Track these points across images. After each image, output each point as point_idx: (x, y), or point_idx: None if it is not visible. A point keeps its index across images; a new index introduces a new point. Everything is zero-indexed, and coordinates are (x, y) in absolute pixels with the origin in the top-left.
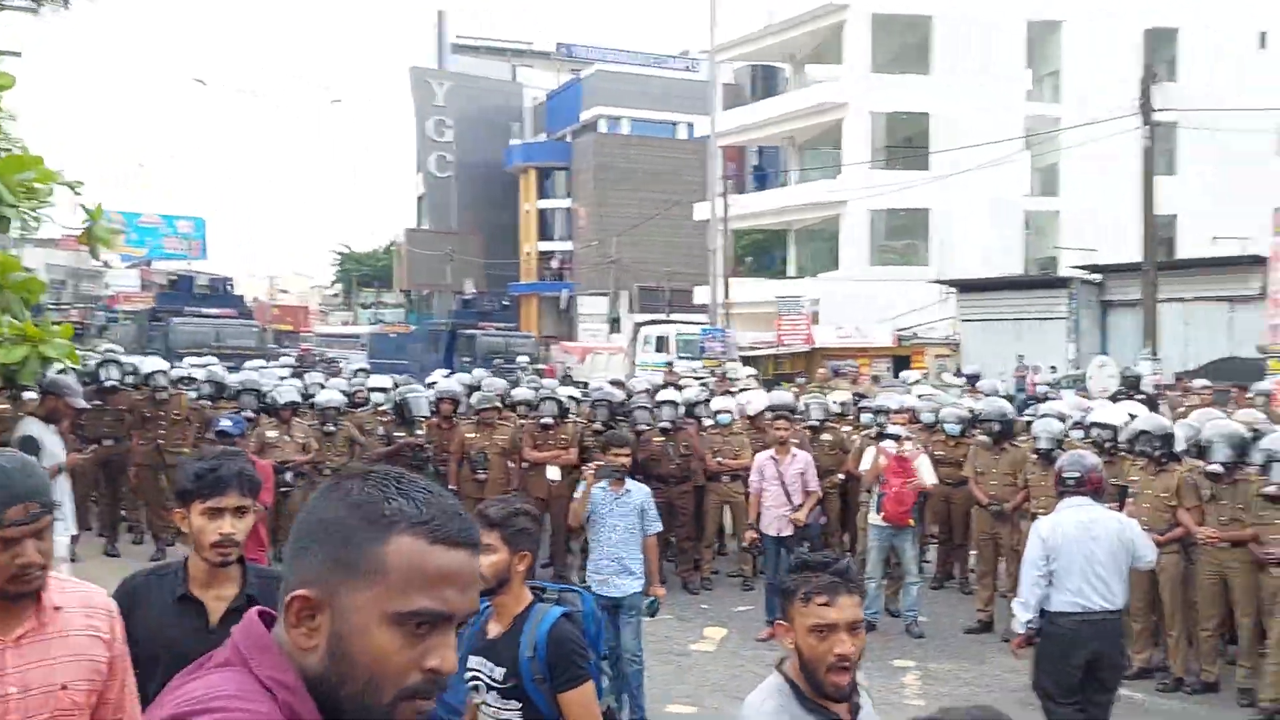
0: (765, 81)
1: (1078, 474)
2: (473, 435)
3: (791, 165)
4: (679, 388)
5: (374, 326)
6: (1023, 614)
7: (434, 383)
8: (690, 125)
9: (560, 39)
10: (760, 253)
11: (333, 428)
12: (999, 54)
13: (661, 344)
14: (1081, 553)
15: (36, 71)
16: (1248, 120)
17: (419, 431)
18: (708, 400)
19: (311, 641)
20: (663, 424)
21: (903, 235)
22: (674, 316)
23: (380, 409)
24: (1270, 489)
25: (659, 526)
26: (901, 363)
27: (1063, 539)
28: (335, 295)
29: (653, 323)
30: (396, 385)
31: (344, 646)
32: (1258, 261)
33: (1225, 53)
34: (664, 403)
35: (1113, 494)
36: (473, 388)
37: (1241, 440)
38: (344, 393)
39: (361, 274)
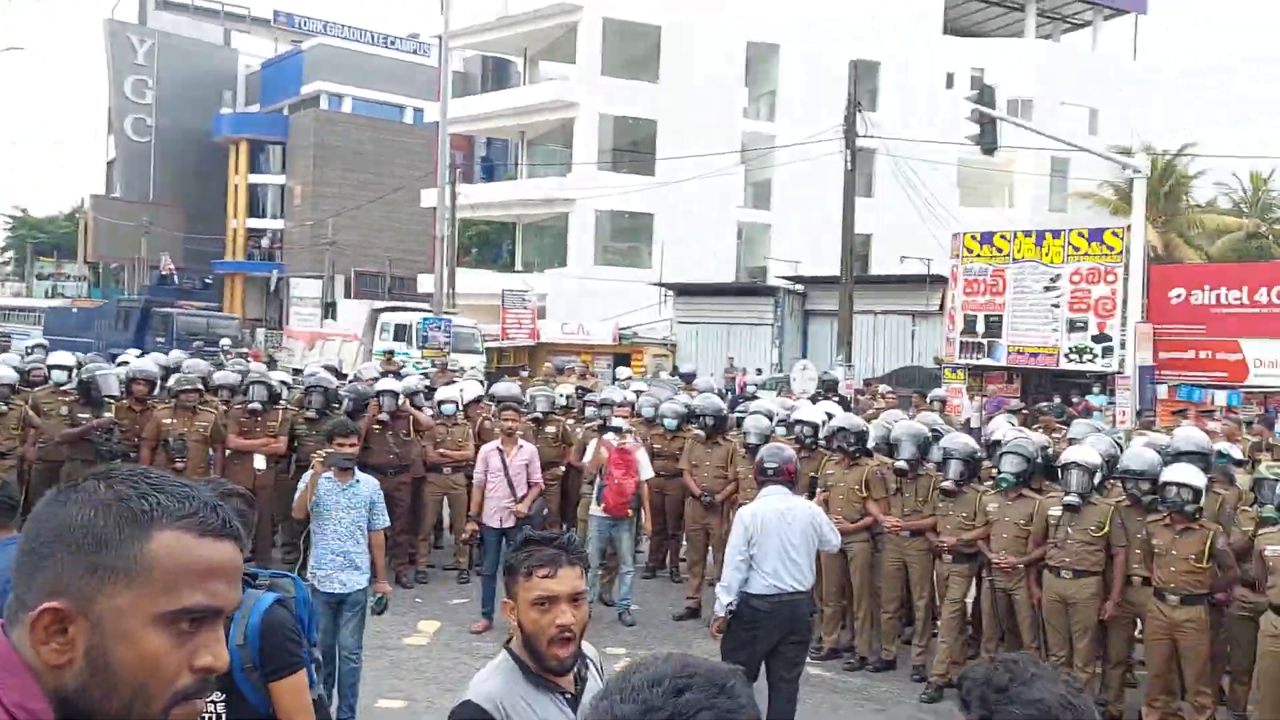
0: (497, 73)
1: (776, 465)
2: (170, 420)
3: (521, 159)
4: (399, 376)
5: (53, 300)
6: (725, 597)
7: (125, 362)
8: (418, 110)
9: (279, 6)
10: (487, 244)
11: (3, 407)
12: (721, 70)
13: (401, 332)
14: (778, 538)
15: None
16: (934, 152)
17: (107, 414)
18: (428, 390)
19: (64, 657)
20: (381, 417)
21: (627, 237)
22: (409, 304)
23: (62, 388)
24: (946, 484)
25: (387, 521)
26: (622, 360)
27: (763, 525)
28: (6, 264)
29: (392, 309)
30: (81, 364)
31: (106, 657)
32: (938, 280)
33: (919, 89)
34: (383, 392)
35: (804, 484)
36: (170, 369)
37: (924, 439)
38: (16, 369)
39: (39, 242)
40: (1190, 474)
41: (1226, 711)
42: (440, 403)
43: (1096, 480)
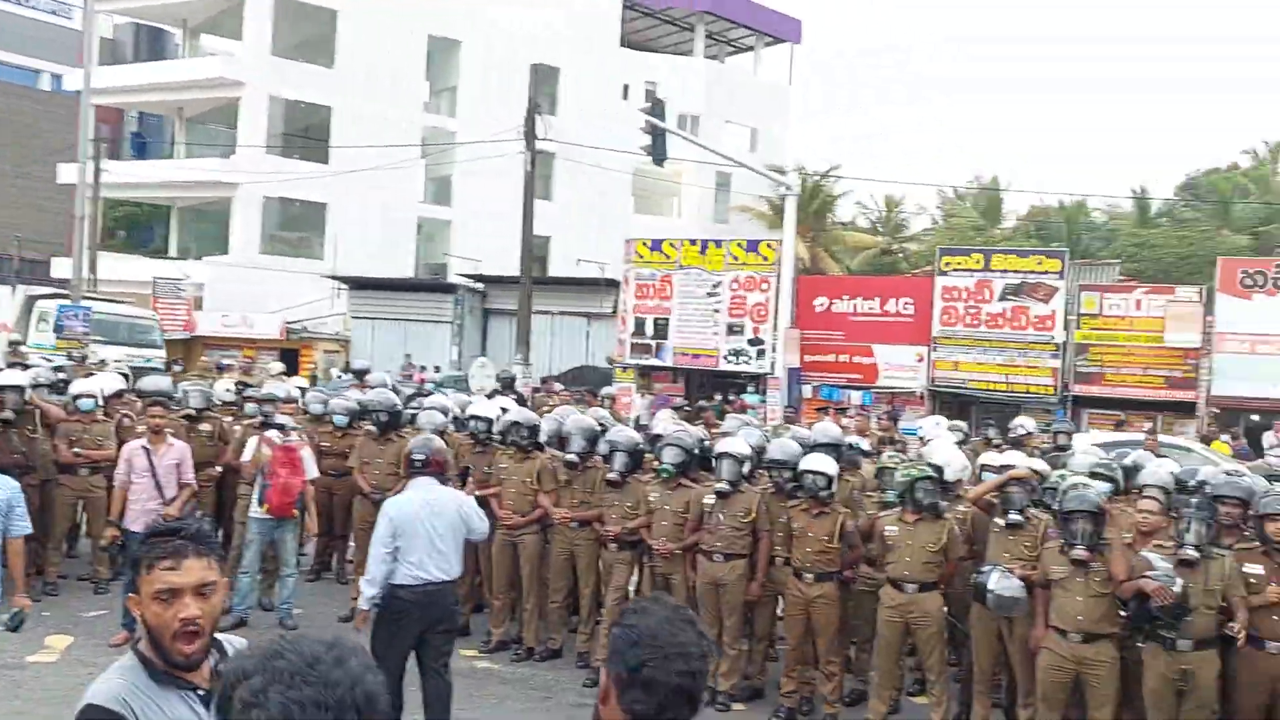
0: (152, 43)
1: (424, 456)
2: None
3: (178, 137)
4: (25, 367)
5: None
6: (369, 590)
7: None
8: (57, 76)
9: None
10: (136, 227)
11: None
12: (402, 62)
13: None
14: (425, 529)
15: None
16: (610, 159)
17: None
18: (62, 384)
19: None
20: (4, 415)
21: (298, 227)
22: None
23: None
24: (612, 475)
25: (28, 526)
26: (289, 356)
27: (409, 517)
28: None
29: (51, 296)
30: None
31: None
32: (612, 284)
33: (596, 97)
34: (5, 387)
35: (479, 476)
36: None
37: (593, 433)
38: None
39: None
40: (824, 463)
41: (852, 678)
42: (77, 397)
43: (746, 470)
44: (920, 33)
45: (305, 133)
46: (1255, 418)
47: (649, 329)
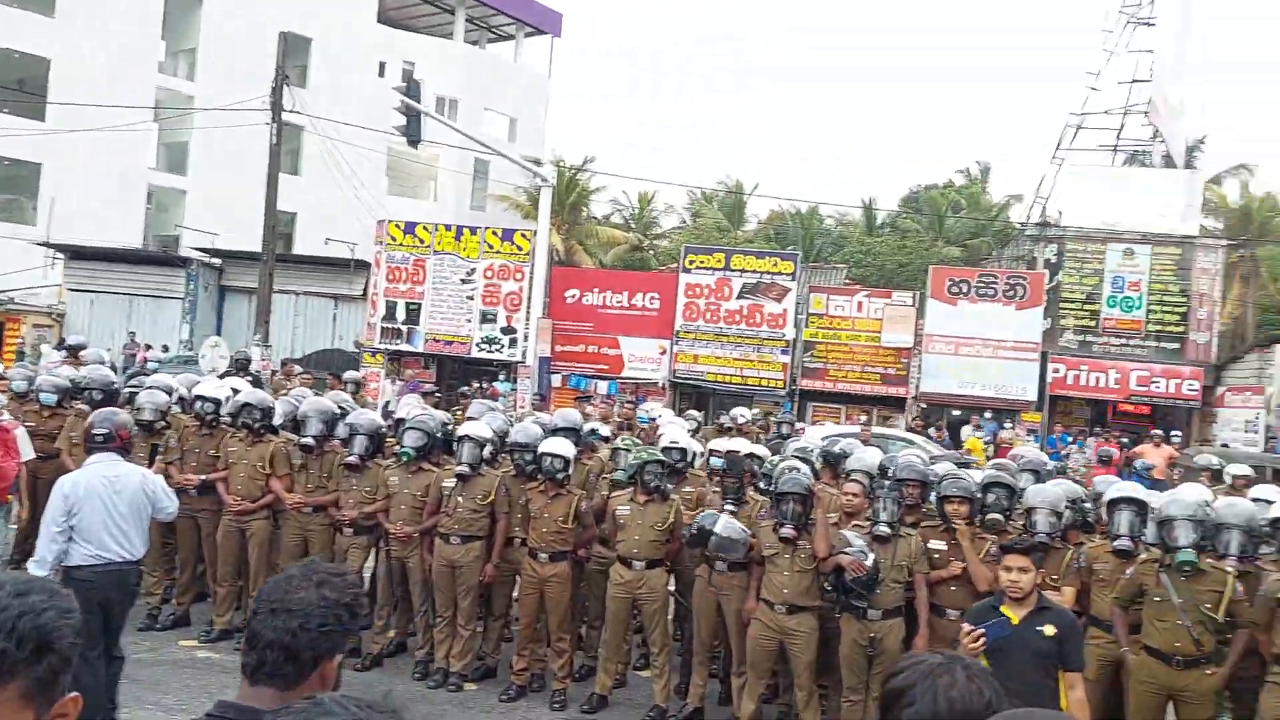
0: None
1: (106, 430)
2: None
3: None
4: None
5: None
6: (39, 571)
7: None
8: None
9: None
10: None
11: None
12: (134, 16)
13: None
14: (104, 507)
15: None
16: (364, 137)
17: None
18: None
19: None
20: None
21: (6, 188)
22: None
23: None
24: (351, 459)
25: None
26: None
27: (85, 495)
28: None
29: None
30: None
31: None
32: (362, 266)
33: (351, 73)
34: None
35: (221, 464)
36: None
37: (332, 416)
38: None
39: None
40: (562, 446)
41: (583, 654)
42: None
43: (488, 454)
44: (747, 22)
45: (19, 85)
46: (956, 413)
47: (400, 313)
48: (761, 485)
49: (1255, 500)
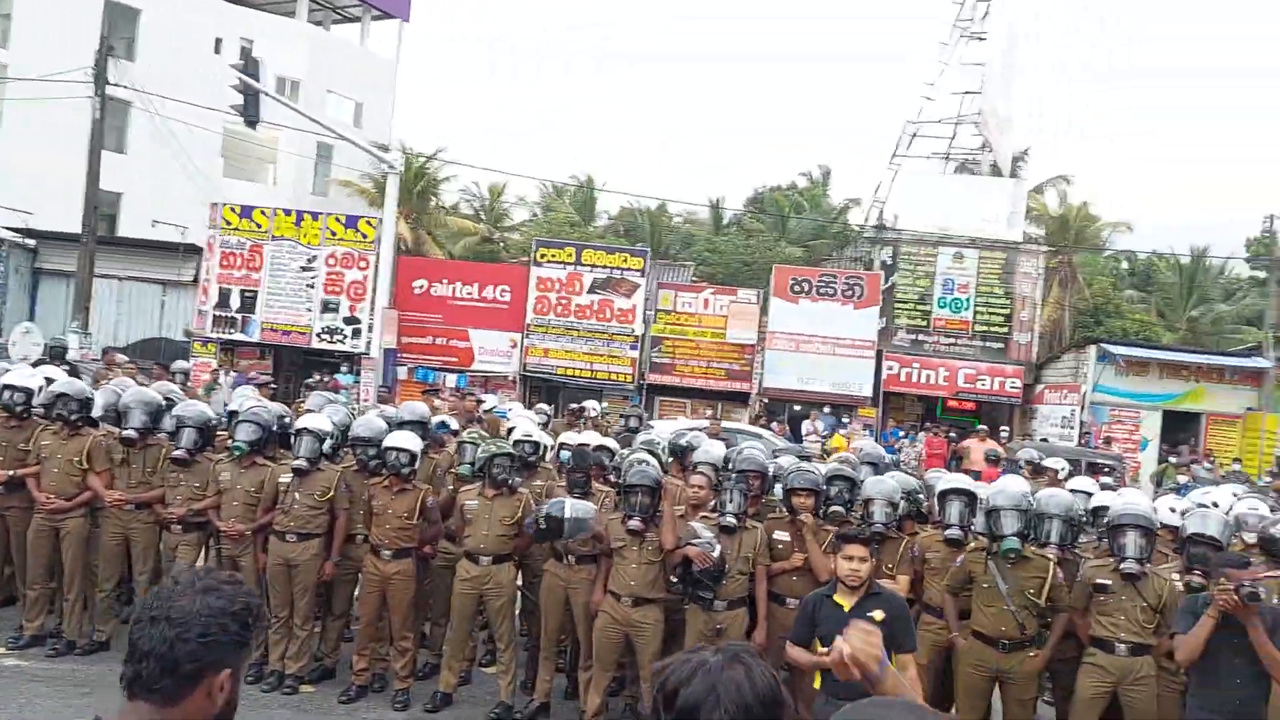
0: None
1: None
2: None
3: None
4: None
5: None
6: None
7: None
8: None
9: None
10: None
11: None
12: None
13: None
14: None
15: None
16: (198, 116)
17: None
18: None
19: None
20: None
21: None
22: None
23: None
24: (179, 453)
25: None
26: None
27: None
28: None
29: None
30: None
31: None
32: (193, 251)
33: (184, 48)
34: None
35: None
36: None
37: (157, 407)
38: None
39: None
40: (408, 440)
41: (427, 652)
42: None
43: (328, 448)
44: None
45: None
46: (797, 408)
47: (234, 301)
48: (612, 478)
49: (1074, 491)
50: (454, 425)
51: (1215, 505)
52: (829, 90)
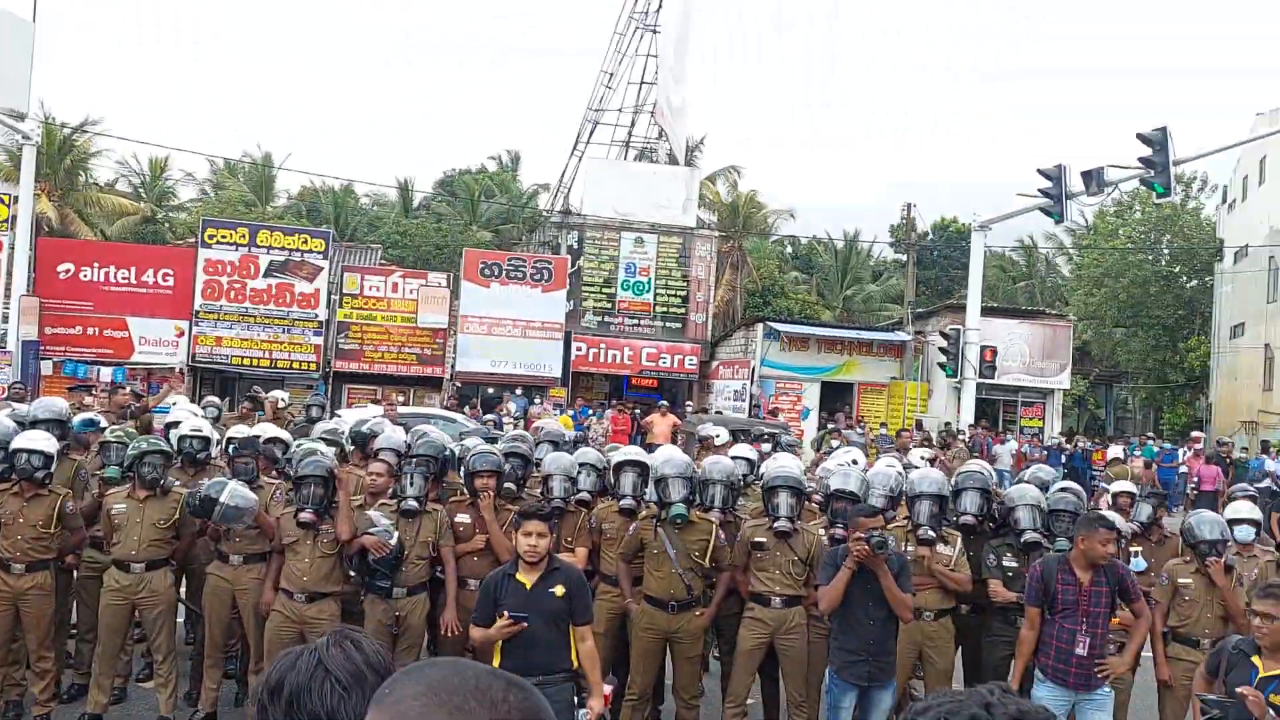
0: None
1: None
2: None
3: None
4: None
5: None
6: None
7: None
8: None
9: None
10: None
11: None
12: None
13: None
14: None
15: None
16: None
17: None
18: None
19: None
20: None
21: None
22: None
23: None
24: None
25: None
26: None
27: None
28: None
29: None
30: None
31: None
32: None
33: None
34: None
35: None
36: None
37: None
38: None
39: None
40: (42, 440)
41: (74, 672)
42: None
43: None
44: None
45: None
46: (490, 391)
47: None
48: (288, 471)
49: (735, 458)
50: (103, 423)
51: (855, 463)
52: (521, 77)
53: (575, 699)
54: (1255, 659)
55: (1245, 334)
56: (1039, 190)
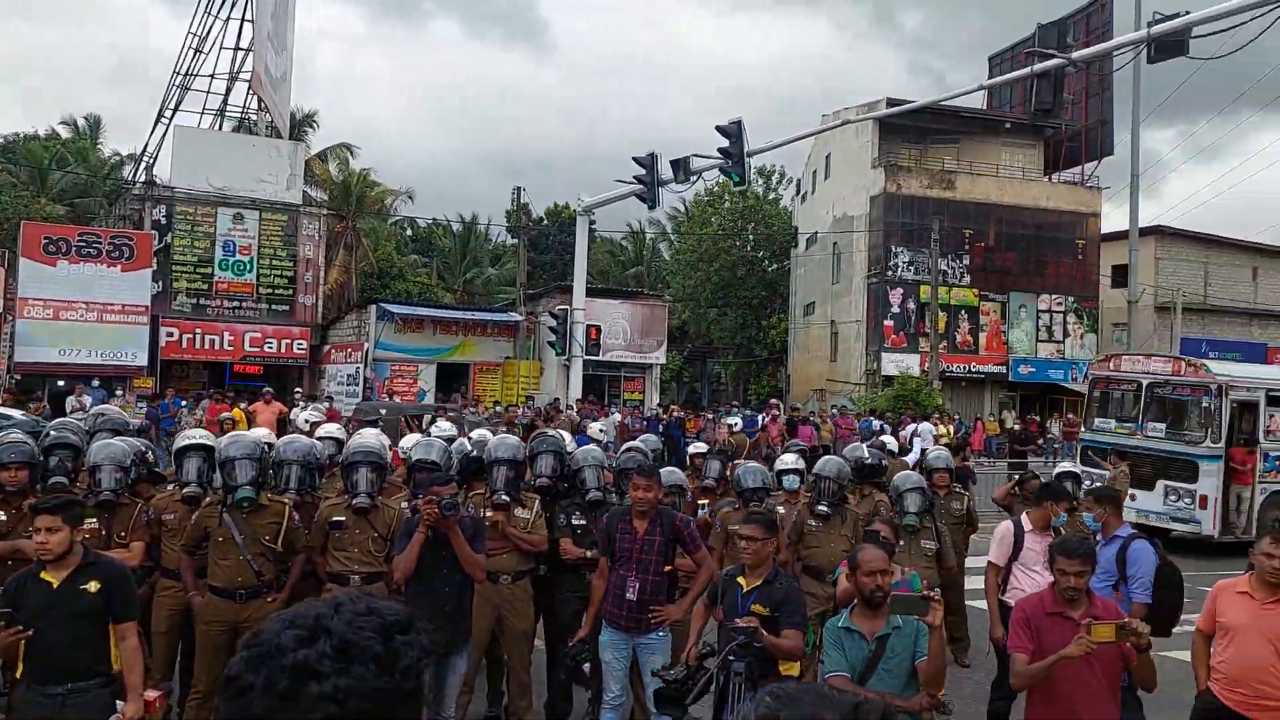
0: None
1: None
2: None
3: None
4: None
5: None
6: None
7: None
8: None
9: None
10: None
11: None
12: None
13: None
14: None
15: None
16: None
17: None
18: None
19: None
20: None
21: None
22: None
23: None
24: None
25: None
26: None
27: None
28: None
29: None
30: None
31: None
32: None
33: None
34: None
35: None
36: None
37: None
38: None
39: None
40: None
41: None
42: None
43: None
44: None
45: None
46: (60, 383)
47: None
48: None
49: (322, 439)
50: None
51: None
52: (101, 38)
53: (119, 704)
54: (740, 579)
55: (815, 312)
56: (634, 177)
